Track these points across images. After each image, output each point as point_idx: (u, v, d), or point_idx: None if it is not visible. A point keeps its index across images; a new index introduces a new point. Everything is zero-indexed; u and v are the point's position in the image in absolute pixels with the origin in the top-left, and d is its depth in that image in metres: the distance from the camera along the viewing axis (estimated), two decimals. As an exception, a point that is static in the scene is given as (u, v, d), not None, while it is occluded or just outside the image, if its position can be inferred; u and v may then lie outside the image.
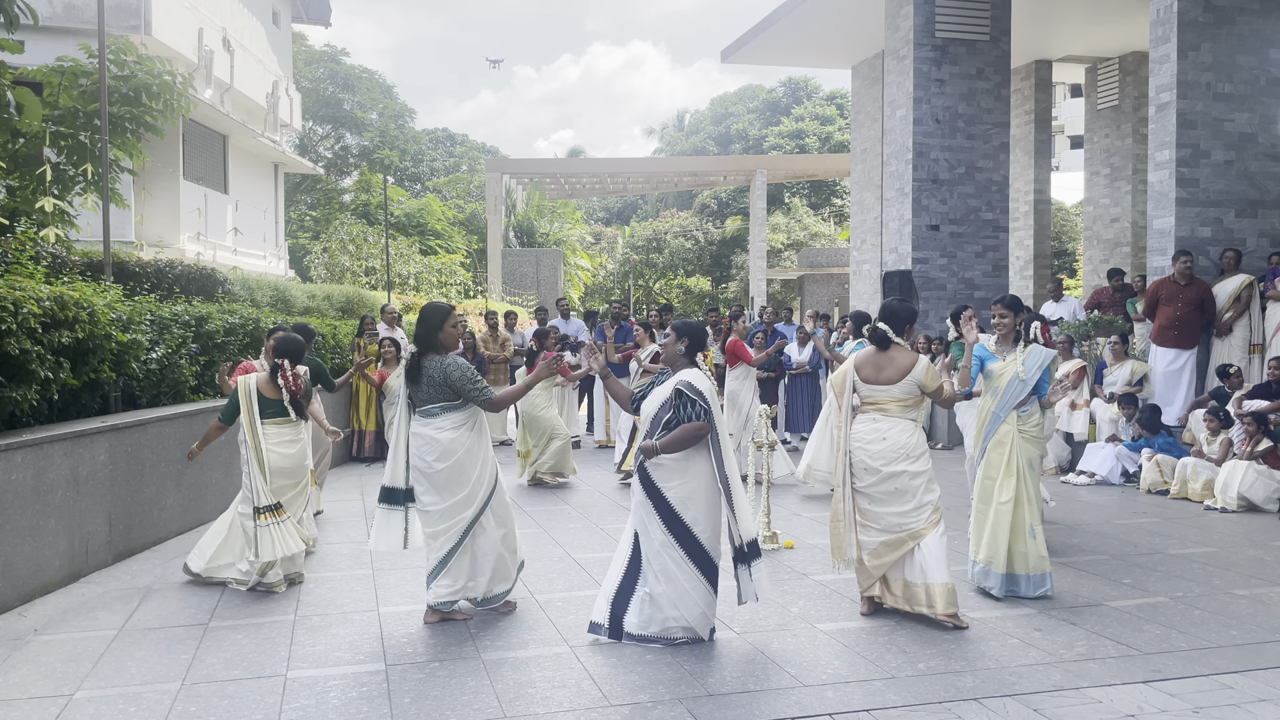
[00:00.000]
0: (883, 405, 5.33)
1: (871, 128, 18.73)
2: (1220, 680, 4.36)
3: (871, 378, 5.35)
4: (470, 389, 5.15)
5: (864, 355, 5.48)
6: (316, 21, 27.23)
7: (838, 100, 48.83)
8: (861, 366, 5.42)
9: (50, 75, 11.51)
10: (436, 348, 5.25)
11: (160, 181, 16.89)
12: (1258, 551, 6.77)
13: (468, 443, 5.19)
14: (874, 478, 5.22)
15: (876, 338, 5.40)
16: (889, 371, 5.31)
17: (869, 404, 5.39)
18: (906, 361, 5.30)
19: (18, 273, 7.02)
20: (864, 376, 5.39)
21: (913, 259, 13.95)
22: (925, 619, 5.18)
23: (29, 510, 5.68)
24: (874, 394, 5.35)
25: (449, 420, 5.17)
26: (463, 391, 5.15)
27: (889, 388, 5.30)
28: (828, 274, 33.82)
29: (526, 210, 36.72)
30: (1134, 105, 17.84)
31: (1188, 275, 10.36)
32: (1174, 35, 10.73)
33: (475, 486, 5.20)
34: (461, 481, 5.16)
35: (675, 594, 4.82)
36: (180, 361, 8.15)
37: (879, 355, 5.40)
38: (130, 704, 4.19)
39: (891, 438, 5.23)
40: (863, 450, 5.25)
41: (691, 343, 5.04)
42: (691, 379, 4.86)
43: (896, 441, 5.22)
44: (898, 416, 5.30)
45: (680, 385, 4.84)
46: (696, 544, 4.82)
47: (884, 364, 5.34)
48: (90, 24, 15.05)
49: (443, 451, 5.13)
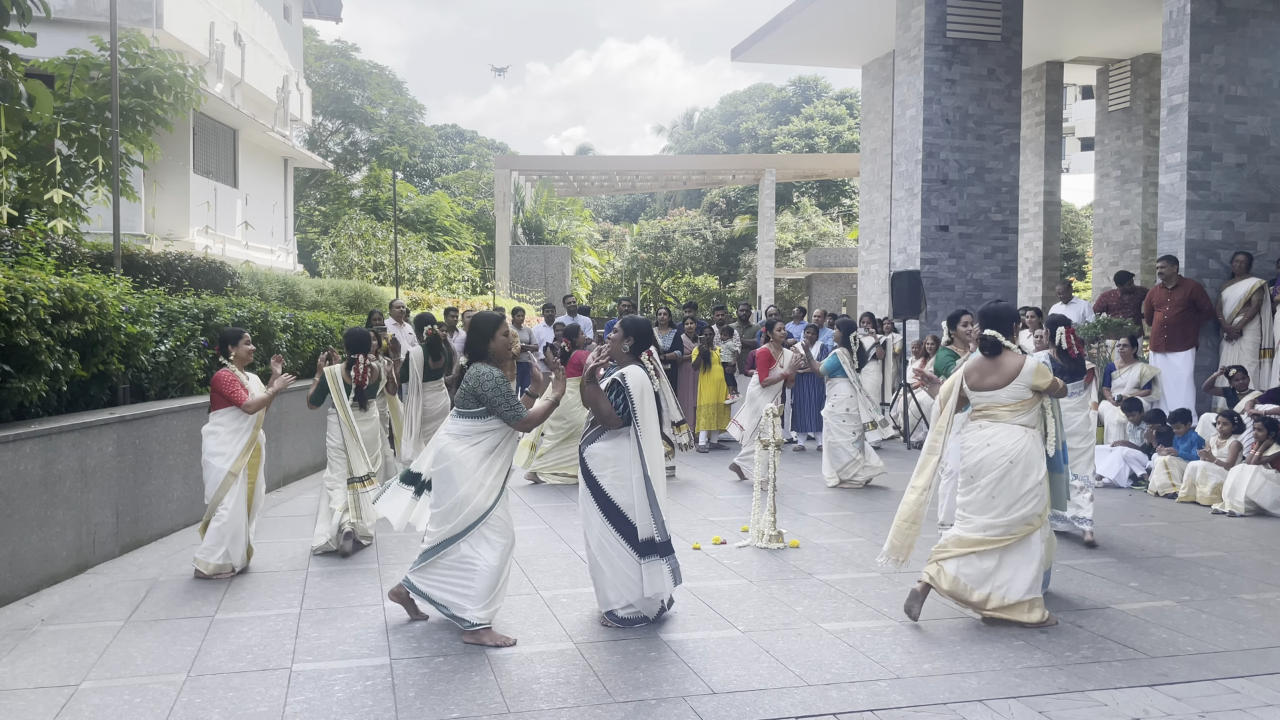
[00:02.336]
0: (991, 411, 5.31)
1: (881, 127, 18.69)
2: (1226, 685, 4.34)
3: (978, 384, 5.33)
4: (499, 403, 4.91)
5: (973, 362, 5.44)
6: (327, 17, 27.27)
7: (847, 100, 48.72)
8: (969, 373, 5.39)
9: (62, 68, 11.55)
10: (487, 357, 5.10)
11: (170, 175, 16.94)
12: (1265, 556, 6.74)
13: (467, 457, 4.92)
14: (975, 484, 5.21)
15: (988, 345, 5.34)
16: (994, 377, 5.29)
17: (978, 411, 5.38)
18: (1014, 365, 5.27)
19: (28, 264, 7.04)
20: (971, 383, 5.37)
21: (921, 259, 13.92)
22: (934, 619, 5.17)
23: (37, 501, 5.71)
24: (981, 400, 5.34)
25: (457, 426, 5.02)
26: (491, 405, 4.93)
27: (995, 393, 5.28)
28: (836, 274, 33.78)
29: (535, 207, 36.73)
30: (1145, 107, 17.77)
31: (1174, 278, 10.36)
32: (1186, 37, 10.69)
33: (460, 504, 4.87)
34: (447, 491, 4.91)
35: (617, 578, 5.06)
36: (189, 354, 8.18)
37: (987, 361, 5.37)
38: (136, 695, 4.20)
39: (996, 443, 5.19)
40: (969, 455, 5.26)
41: (636, 341, 5.27)
42: (627, 375, 5.09)
43: (1001, 447, 5.17)
44: (1007, 422, 5.25)
45: (616, 378, 5.11)
46: (633, 529, 5.03)
47: (990, 370, 5.32)
48: (102, 17, 15.10)
49: (437, 454, 5.03)
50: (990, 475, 5.15)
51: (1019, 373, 5.22)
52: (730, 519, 7.90)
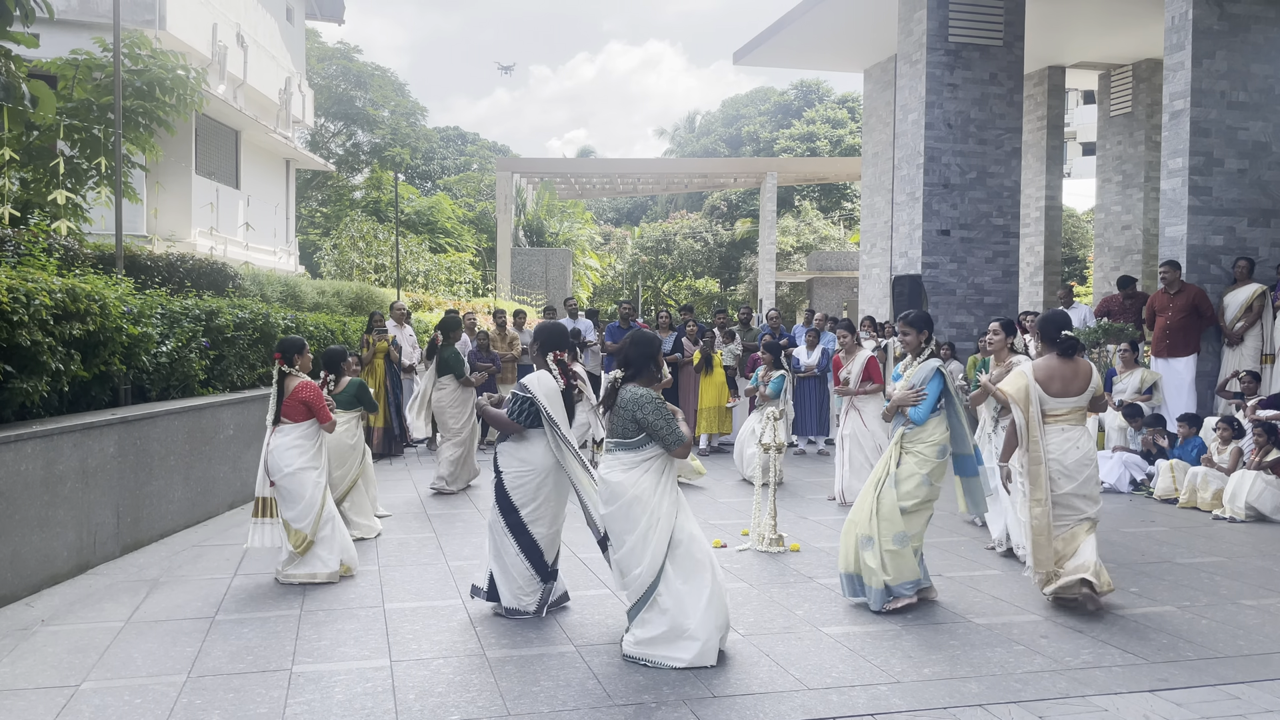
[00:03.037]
0: (1066, 416, 5.47)
1: (883, 131, 18.70)
2: (1227, 690, 4.34)
3: (1061, 391, 5.47)
4: (660, 427, 4.63)
5: (1048, 368, 5.51)
6: (330, 18, 27.30)
7: (849, 104, 48.75)
8: (1050, 381, 5.48)
9: (65, 68, 11.56)
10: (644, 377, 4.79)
11: (173, 176, 16.95)
12: (1266, 562, 6.73)
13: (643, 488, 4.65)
14: (1072, 484, 5.43)
15: (1067, 346, 5.47)
16: (1077, 383, 5.47)
17: (1053, 416, 5.49)
18: (1087, 370, 5.50)
19: (30, 265, 7.06)
20: (1054, 391, 5.47)
21: (923, 264, 13.92)
22: (934, 623, 5.17)
23: (38, 501, 5.71)
24: (1060, 406, 5.48)
25: (621, 460, 4.70)
26: (651, 429, 4.64)
27: (1078, 399, 5.48)
28: (837, 277, 33.77)
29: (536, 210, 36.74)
30: (1147, 112, 17.77)
31: (1176, 283, 10.37)
32: (1189, 43, 10.69)
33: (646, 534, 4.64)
34: (628, 528, 4.66)
35: (501, 571, 5.26)
36: (190, 355, 8.18)
37: (1066, 365, 5.48)
38: (136, 696, 4.20)
39: (1083, 446, 5.45)
40: (1057, 462, 5.43)
41: (542, 345, 5.40)
42: (529, 379, 5.23)
43: (1087, 450, 5.46)
44: (1079, 425, 5.49)
45: (520, 382, 5.26)
46: (522, 527, 5.19)
47: (1071, 375, 5.48)
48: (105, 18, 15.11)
49: (609, 494, 4.70)
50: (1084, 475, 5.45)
51: (1091, 378, 5.48)
52: (730, 522, 7.90)
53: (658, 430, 4.63)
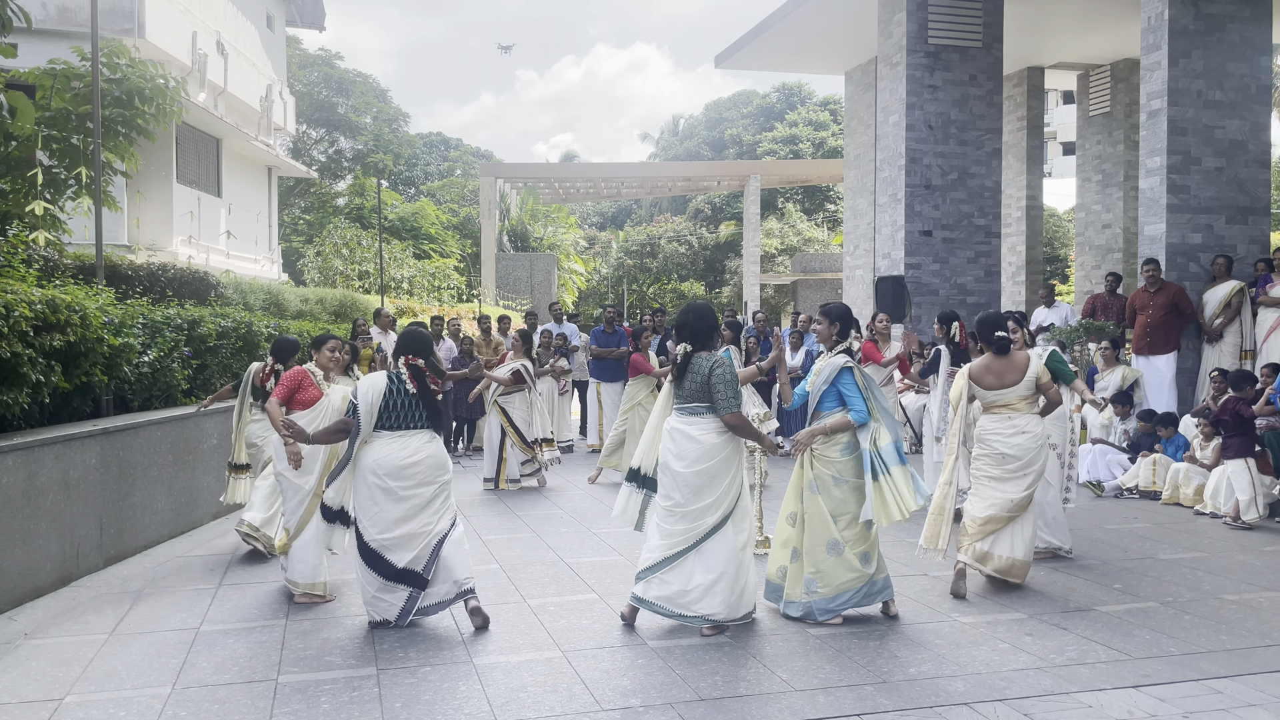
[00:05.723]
0: (1011, 404, 5.93)
1: (865, 133, 18.77)
2: (1210, 685, 4.38)
3: (996, 384, 5.95)
4: (723, 391, 4.96)
5: (984, 365, 5.99)
6: (311, 25, 27.23)
7: (831, 106, 48.90)
8: (984, 376, 5.95)
9: (43, 78, 11.49)
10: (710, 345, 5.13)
11: (154, 185, 16.87)
12: (1247, 556, 6.79)
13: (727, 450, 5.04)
14: (1013, 464, 5.81)
15: (1001, 345, 5.90)
16: (1011, 375, 5.92)
17: (997, 406, 5.94)
18: (1022, 363, 5.95)
19: (9, 276, 7.00)
20: (988, 385, 5.98)
21: (905, 264, 13.97)
22: (919, 622, 5.19)
23: (19, 514, 5.67)
24: (1001, 397, 5.95)
25: (707, 422, 5.02)
26: (714, 391, 4.98)
27: (1014, 389, 5.91)
28: (821, 279, 33.88)
29: (520, 215, 36.70)
30: (1125, 112, 17.90)
31: (1156, 281, 10.46)
32: (1165, 43, 10.79)
33: (724, 494, 5.03)
34: (711, 488, 5.00)
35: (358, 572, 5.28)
36: (172, 365, 8.14)
37: (999, 361, 5.94)
38: (121, 709, 4.17)
39: (1031, 429, 5.86)
40: (1003, 443, 5.84)
41: (396, 349, 5.41)
42: (361, 381, 5.29)
43: (1036, 433, 5.86)
44: (1025, 412, 5.92)
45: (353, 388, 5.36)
46: (358, 531, 5.23)
47: (1005, 369, 5.94)
48: (83, 27, 15.02)
49: (700, 454, 4.99)
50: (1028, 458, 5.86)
51: (1028, 367, 5.92)
52: (717, 525, 7.89)
53: (717, 392, 4.96)
